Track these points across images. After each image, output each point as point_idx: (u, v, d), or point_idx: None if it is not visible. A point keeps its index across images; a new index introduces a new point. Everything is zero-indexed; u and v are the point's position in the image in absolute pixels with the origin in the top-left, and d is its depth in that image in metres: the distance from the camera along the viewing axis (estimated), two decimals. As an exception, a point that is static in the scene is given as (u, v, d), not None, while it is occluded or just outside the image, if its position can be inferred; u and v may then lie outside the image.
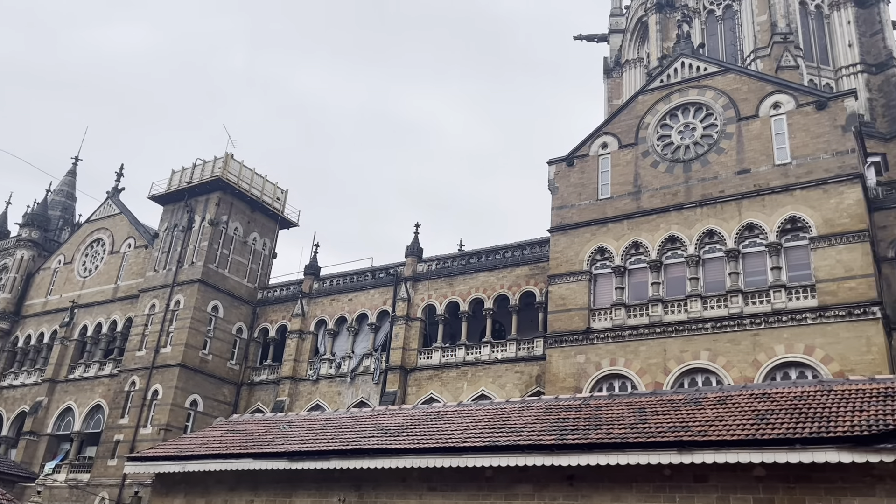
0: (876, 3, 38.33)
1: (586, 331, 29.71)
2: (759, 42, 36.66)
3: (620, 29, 45.83)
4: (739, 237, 28.09)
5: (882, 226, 27.55)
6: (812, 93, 29.23)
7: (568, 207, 32.56)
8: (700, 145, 30.46)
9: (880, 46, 37.32)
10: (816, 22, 38.93)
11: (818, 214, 26.67)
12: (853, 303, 24.80)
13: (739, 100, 30.15)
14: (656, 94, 32.48)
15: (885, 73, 36.62)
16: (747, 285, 27.46)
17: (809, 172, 27.49)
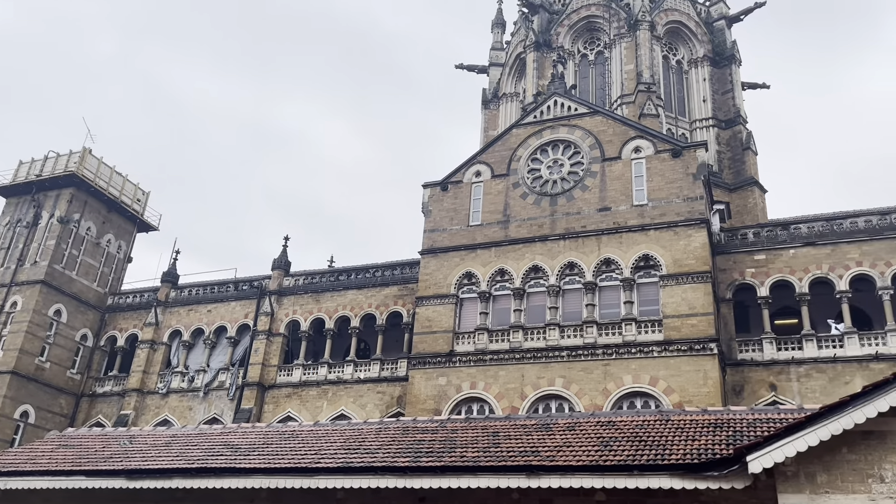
0: (728, 64, 41.92)
1: (450, 353, 30.09)
2: (625, 89, 39.06)
3: (500, 63, 47.41)
4: (598, 271, 29.54)
5: (722, 269, 29.90)
6: (669, 141, 31.42)
7: (440, 231, 33.01)
8: (567, 181, 31.88)
9: (730, 104, 40.79)
10: (677, 76, 42.02)
11: (668, 254, 28.56)
12: (694, 339, 26.67)
13: (605, 141, 31.89)
14: (530, 129, 33.74)
15: (732, 129, 40.03)
16: (602, 317, 28.88)
17: (663, 214, 29.44)
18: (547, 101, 34.15)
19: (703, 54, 41.79)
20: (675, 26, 42.07)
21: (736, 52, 42.16)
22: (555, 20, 43.54)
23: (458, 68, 49.99)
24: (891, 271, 27.60)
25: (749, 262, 29.77)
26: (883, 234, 28.24)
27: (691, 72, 41.99)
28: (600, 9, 42.30)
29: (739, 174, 38.64)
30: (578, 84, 40.75)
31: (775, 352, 28.01)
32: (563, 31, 42.95)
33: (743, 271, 29.68)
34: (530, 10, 44.19)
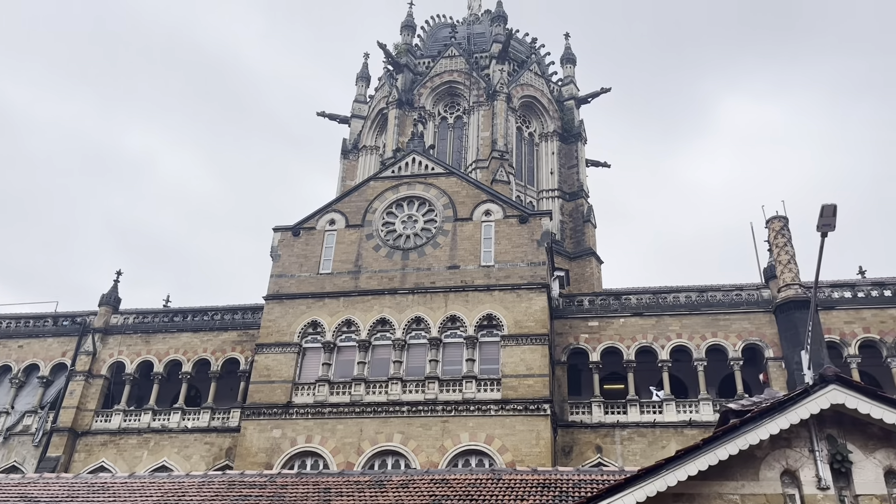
0: (575, 141, 44.88)
1: (287, 405, 29.06)
2: (480, 154, 40.63)
3: (362, 115, 47.89)
4: (443, 327, 29.93)
5: (559, 332, 31.30)
6: (518, 207, 32.86)
7: (288, 277, 32.21)
8: (419, 237, 32.36)
9: (575, 178, 43.52)
10: (528, 147, 44.36)
11: (511, 315, 29.53)
12: (530, 399, 27.53)
13: (458, 202, 32.82)
14: (387, 183, 34.10)
15: (575, 202, 42.61)
16: (444, 373, 29.16)
17: (508, 277, 30.52)
18: (406, 157, 34.77)
19: (554, 130, 44.48)
20: (530, 101, 44.60)
21: (583, 131, 45.25)
22: (418, 81, 44.81)
23: (319, 115, 49.93)
24: (706, 344, 30.10)
25: (584, 327, 31.40)
26: (700, 309, 30.85)
27: (542, 145, 44.47)
28: (462, 76, 44.09)
29: (579, 244, 41.02)
30: (437, 145, 41.89)
31: (602, 415, 29.47)
32: (425, 92, 44.24)
33: (578, 336, 31.22)
34: (395, 68, 45.25)
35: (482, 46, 46.42)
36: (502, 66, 43.47)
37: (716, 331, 30.28)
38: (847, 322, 29.57)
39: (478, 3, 54.02)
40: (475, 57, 45.42)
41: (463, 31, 48.83)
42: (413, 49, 47.10)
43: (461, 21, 51.58)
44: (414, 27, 48.23)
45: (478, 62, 44.97)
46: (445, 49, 45.56)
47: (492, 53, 44.33)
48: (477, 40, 47.63)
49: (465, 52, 45.24)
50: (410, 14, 48.34)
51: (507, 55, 44.35)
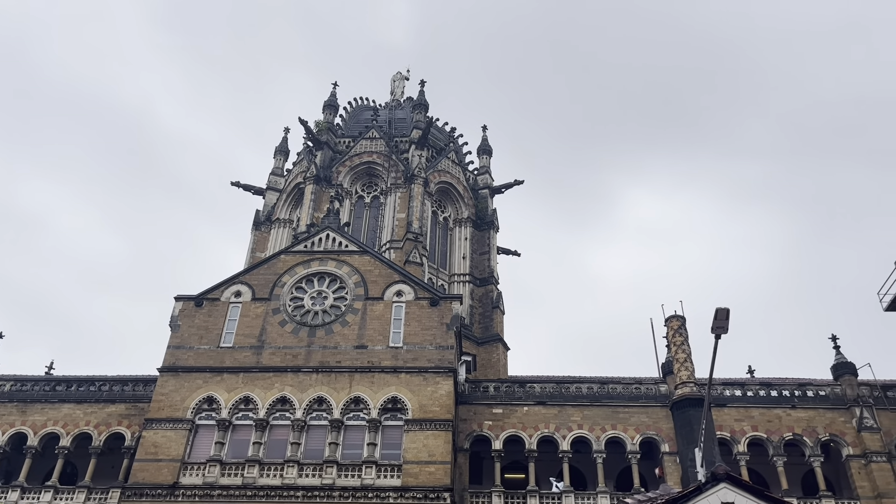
0: (488, 229, 45.97)
1: (173, 486, 27.32)
2: (395, 235, 40.95)
3: (278, 188, 47.65)
4: (346, 409, 29.21)
5: (463, 419, 31.08)
6: (429, 290, 33.04)
7: (186, 349, 30.90)
8: (328, 314, 31.89)
9: (486, 265, 44.33)
10: (443, 231, 45.08)
11: (416, 399, 29.18)
12: (430, 486, 26.94)
13: (370, 281, 32.73)
14: (298, 257, 33.72)
15: (485, 288, 43.25)
16: (344, 457, 28.25)
17: (415, 359, 30.33)
18: (320, 233, 34.61)
19: (468, 216, 45.50)
20: (446, 187, 45.65)
21: (495, 220, 46.47)
22: (337, 159, 45.20)
23: (234, 185, 49.30)
24: (605, 436, 30.54)
25: (488, 414, 31.32)
26: (601, 401, 31.44)
27: (456, 230, 45.30)
28: (381, 157, 44.83)
29: (487, 330, 41.39)
30: (352, 223, 41.98)
31: (503, 505, 29.09)
32: (344, 170, 44.60)
33: (481, 423, 31.07)
34: (315, 145, 45.56)
35: (402, 131, 47.55)
36: (421, 151, 44.54)
37: (615, 423, 30.83)
38: (737, 420, 30.77)
39: (400, 89, 55.63)
40: (395, 140, 46.42)
41: (385, 115, 49.98)
42: (334, 128, 47.71)
43: (383, 105, 52.86)
44: (336, 107, 49.00)
45: (397, 146, 45.95)
46: (367, 130, 46.37)
47: (411, 139, 45.43)
48: (398, 125, 48.80)
49: (385, 135, 46.17)
50: (334, 94, 49.19)
51: (426, 141, 45.53)
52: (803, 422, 30.66)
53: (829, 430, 30.39)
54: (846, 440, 30.08)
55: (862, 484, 29.09)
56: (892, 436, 30.08)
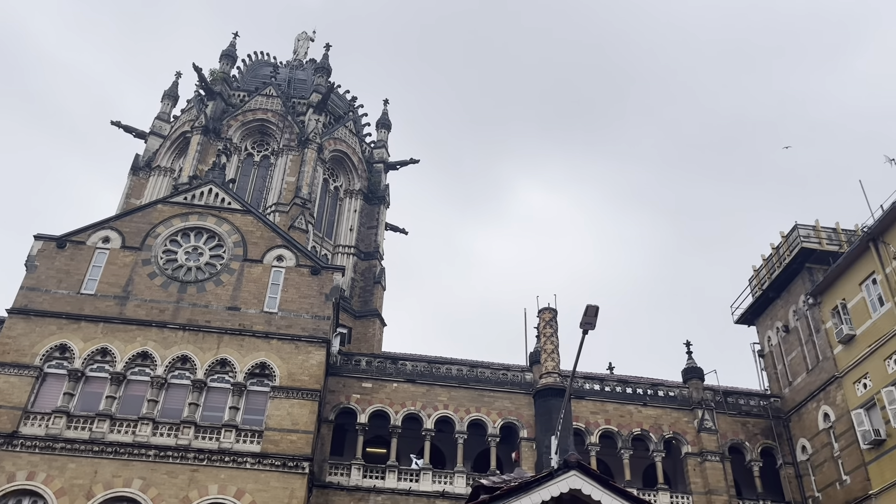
0: (378, 204, 45.73)
1: (12, 434, 25.63)
2: (282, 198, 39.91)
3: (162, 134, 45.26)
4: (211, 370, 28.38)
5: (332, 390, 30.97)
6: (312, 258, 32.51)
7: (41, 291, 28.93)
8: (202, 271, 30.76)
9: (372, 239, 44.12)
10: (332, 200, 44.41)
11: (285, 367, 28.74)
12: (290, 455, 26.69)
13: (251, 242, 31.80)
14: (176, 209, 32.25)
15: (369, 262, 43.08)
16: (203, 419, 27.47)
17: (290, 326, 29.84)
18: (202, 186, 33.22)
19: (359, 188, 45.04)
20: (341, 156, 44.95)
21: (387, 195, 46.29)
22: (230, 112, 43.41)
23: (113, 125, 46.39)
24: (469, 418, 31.33)
25: (357, 387, 31.35)
26: (469, 384, 32.19)
27: (346, 201, 44.75)
28: (276, 117, 43.45)
29: (367, 304, 41.30)
30: (238, 180, 40.55)
31: (361, 479, 29.28)
32: (235, 125, 42.92)
33: (349, 396, 31.06)
34: (208, 94, 43.51)
35: (302, 93, 46.27)
36: (319, 116, 43.58)
37: (480, 406, 31.68)
38: (593, 412, 32.42)
39: (304, 49, 54.01)
40: (293, 101, 45.10)
41: (285, 74, 48.43)
42: (230, 79, 45.73)
43: (284, 64, 51.19)
44: (235, 58, 46.96)
45: (294, 107, 44.68)
46: (264, 87, 44.78)
47: (310, 102, 44.32)
48: (297, 86, 47.43)
49: (283, 95, 44.78)
50: (234, 44, 47.10)
51: (325, 107, 44.58)
52: (651, 419, 32.70)
53: (673, 428, 32.58)
54: (687, 439, 32.37)
55: (696, 480, 31.44)
56: (727, 438, 32.66)
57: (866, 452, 27.64)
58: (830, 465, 29.89)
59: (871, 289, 28.72)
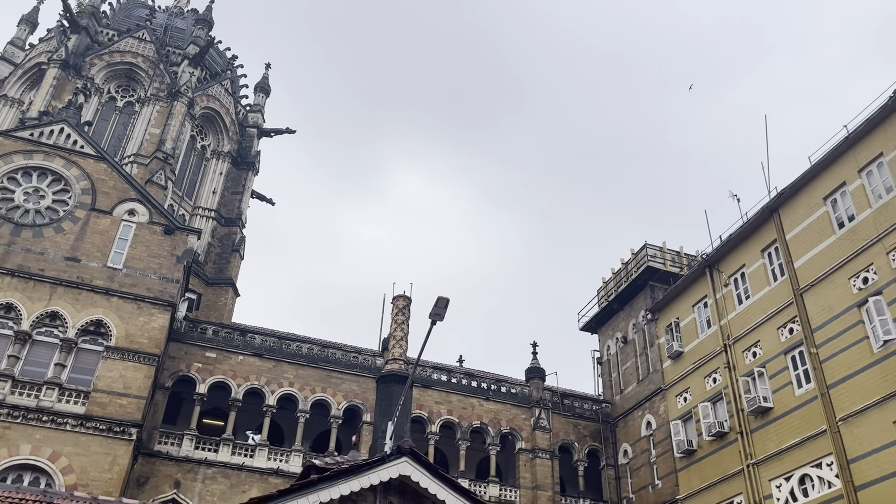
0: (247, 170, 44.12)
1: None
2: (143, 150, 37.53)
3: (14, 62, 41.26)
4: (39, 322, 26.35)
5: (172, 356, 29.60)
6: (167, 216, 30.86)
7: None
8: (42, 216, 28.45)
9: (236, 205, 42.53)
10: (198, 159, 42.35)
11: (124, 327, 27.17)
12: (117, 420, 25.28)
13: (101, 191, 29.76)
14: (20, 145, 29.61)
15: (230, 229, 41.52)
16: (24, 374, 25.49)
17: (134, 285, 28.22)
18: (53, 124, 30.69)
19: (228, 151, 43.25)
20: (212, 114, 42.95)
21: (257, 162, 44.77)
22: (95, 50, 40.26)
23: (-45, 43, 41.77)
24: (314, 397, 30.99)
25: (200, 356, 30.15)
26: (318, 363, 31.84)
27: (212, 161, 42.84)
28: (147, 63, 40.81)
29: (221, 272, 39.80)
30: (96, 125, 37.77)
31: (192, 450, 28.23)
32: (99, 64, 39.89)
33: (191, 364, 29.82)
34: (72, 26, 40.12)
35: (178, 42, 43.73)
36: (194, 70, 41.40)
37: (326, 387, 31.43)
38: (437, 402, 33.07)
39: (187, -3, 51.08)
40: (167, 50, 42.55)
41: (162, 20, 45.56)
42: (100, 15, 42.40)
43: (163, 9, 48.14)
44: (109, -8, 43.67)
45: (169, 56, 42.16)
46: (137, 29, 41.90)
47: (186, 53, 42.01)
48: (175, 35, 44.77)
49: (157, 41, 42.11)
50: (109, -23, 43.77)
51: (202, 61, 42.43)
52: (492, 413, 33.81)
53: (511, 423, 33.86)
54: (522, 435, 33.75)
55: (525, 475, 32.86)
56: (559, 437, 34.38)
57: (678, 460, 30.00)
58: (646, 470, 32.20)
59: (702, 311, 31.15)
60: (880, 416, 21.60)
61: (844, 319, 23.72)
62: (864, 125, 24.42)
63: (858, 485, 21.68)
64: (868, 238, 23.54)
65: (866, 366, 22.51)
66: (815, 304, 25.01)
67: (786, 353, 25.95)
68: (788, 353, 25.87)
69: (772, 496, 24.96)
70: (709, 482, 27.95)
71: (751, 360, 27.53)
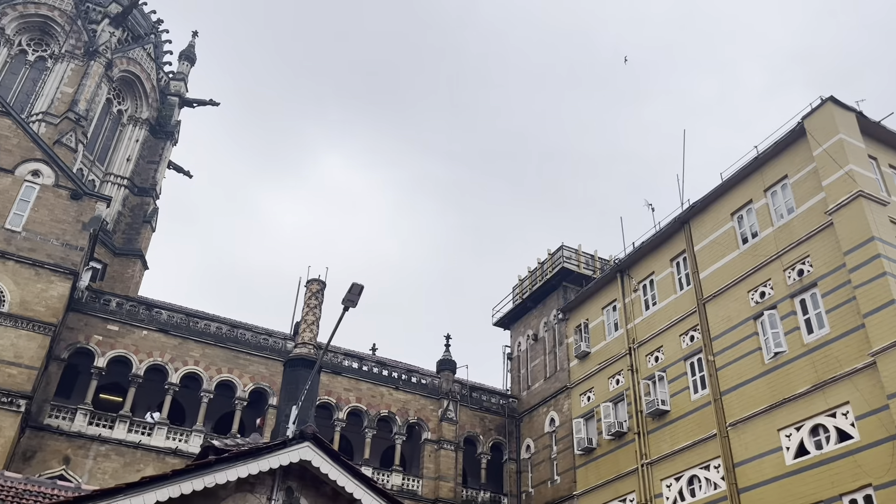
0: (165, 139, 42.48)
1: None
2: (53, 108, 35.55)
3: (-85, 1, 38.33)
4: (-77, 282, 24.63)
5: (71, 327, 28.28)
6: (75, 181, 29.41)
7: None
8: (-65, 169, 26.59)
9: (151, 175, 40.91)
10: (113, 124, 40.48)
11: (19, 293, 25.79)
12: (5, 390, 24.03)
13: (3, 148, 28.15)
14: (-85, 91, 27.51)
15: (143, 199, 39.90)
16: None
17: (33, 250, 26.81)
18: (-46, 72, 28.67)
19: (147, 118, 41.55)
20: (132, 78, 41.13)
21: (176, 132, 43.19)
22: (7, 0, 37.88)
23: None
24: (219, 377, 30.27)
25: (101, 329, 28.93)
26: (226, 343, 31.10)
27: (129, 127, 41.06)
28: (64, 17, 38.65)
29: (131, 242, 38.26)
30: (4, 77, 35.56)
31: (86, 425, 27.10)
32: (12, 14, 37.49)
33: (90, 336, 28.58)
34: (-16, -30, 37.57)
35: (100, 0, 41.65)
36: (115, 30, 39.52)
37: (233, 367, 30.76)
38: (346, 389, 32.90)
39: (114, -47, 48.62)
40: (87, 6, 40.39)
41: (84, -27, 43.22)
42: (16, -39, 39.85)
43: (87, -38, 45.70)
44: (26, -61, 41.02)
45: (88, 13, 40.05)
46: (56, -19, 39.61)
47: (108, 11, 40.02)
48: (97, -10, 42.58)
49: (78, -5, 39.95)
50: (28, -77, 41.12)
51: (124, 21, 40.56)
52: (401, 402, 33.90)
53: (419, 414, 34.04)
54: (429, 426, 33.99)
55: (429, 465, 33.13)
56: (465, 430, 34.82)
57: (578, 457, 30.91)
58: (546, 465, 33.03)
59: (611, 314, 32.15)
60: (766, 424, 22.86)
61: (741, 330, 24.96)
62: (772, 147, 25.72)
63: (741, 487, 22.91)
64: (768, 255, 24.83)
65: (757, 375, 23.76)
66: (716, 315, 26.21)
67: (685, 359, 27.09)
68: (688, 360, 27.02)
69: (662, 495, 26.07)
70: (605, 479, 28.92)
71: (653, 363, 28.61)
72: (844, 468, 20.05)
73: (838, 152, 23.18)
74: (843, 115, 24.15)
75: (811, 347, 22.33)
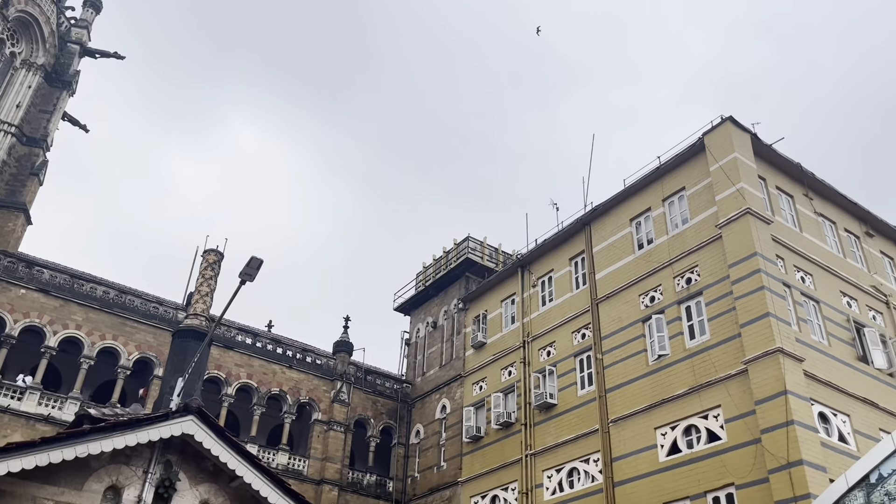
0: (62, 89, 39.89)
1: None
2: (-64, 42, 32.76)
3: None
4: None
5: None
6: (-45, 122, 27.22)
7: None
8: None
9: (43, 125, 38.36)
10: (5, 67, 37.66)
11: None
12: None
13: None
14: None
15: (31, 150, 37.38)
16: None
17: None
18: None
19: (42, 63, 38.91)
20: (28, 19, 38.36)
21: (74, 83, 40.69)
22: None
23: None
24: (102, 344, 28.91)
25: (-27, 284, 27.02)
26: (112, 309, 29.72)
27: (21, 72, 38.33)
28: (-43, -55, 35.61)
29: (14, 195, 35.76)
30: None
31: (-51, 386, 25.29)
32: None
33: (-40, 291, 26.66)
34: None
35: (0, -70, 38.56)
36: (14, -35, 36.75)
37: (118, 334, 29.46)
38: (237, 364, 32.13)
39: None
40: (-15, -65, 37.39)
41: None
42: None
43: None
44: None
45: (-15, -57, 37.06)
46: None
47: (7, -56, 37.16)
48: (-3, -80, 39.41)
49: (-27, -78, 36.85)
50: None
51: (25, -43, 37.75)
52: (293, 381, 33.44)
53: (311, 394, 33.69)
54: (320, 406, 33.72)
55: (317, 446, 32.89)
56: (357, 412, 34.76)
57: (465, 445, 31.46)
58: (434, 451, 33.45)
59: (509, 307, 32.82)
60: (644, 422, 24.00)
61: (630, 331, 26.05)
62: (673, 159, 26.89)
63: (617, 481, 23.98)
64: (661, 261, 25.99)
65: (640, 375, 24.89)
66: (608, 315, 27.23)
67: (576, 355, 28.03)
68: (578, 356, 27.97)
69: (542, 485, 26.93)
70: (489, 468, 29.59)
71: (545, 358, 29.44)
72: (711, 467, 21.33)
73: (732, 170, 24.49)
74: (740, 135, 25.51)
75: (692, 352, 23.58)
